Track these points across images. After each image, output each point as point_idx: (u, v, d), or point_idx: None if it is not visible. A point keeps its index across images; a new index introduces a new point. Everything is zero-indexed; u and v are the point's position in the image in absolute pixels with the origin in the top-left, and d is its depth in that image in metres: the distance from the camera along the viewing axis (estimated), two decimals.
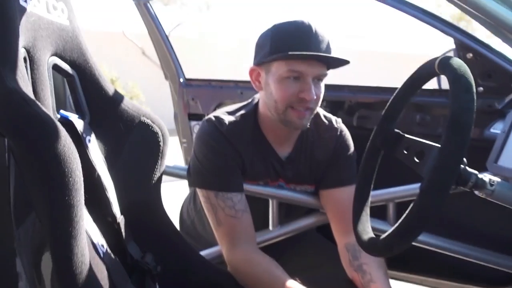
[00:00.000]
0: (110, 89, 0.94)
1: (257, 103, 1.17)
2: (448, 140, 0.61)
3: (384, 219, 1.28)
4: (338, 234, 1.17)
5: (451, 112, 0.62)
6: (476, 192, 0.77)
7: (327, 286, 1.10)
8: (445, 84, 1.76)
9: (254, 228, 1.28)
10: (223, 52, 10.85)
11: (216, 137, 1.10)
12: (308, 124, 1.09)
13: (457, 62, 0.67)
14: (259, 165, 1.16)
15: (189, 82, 1.86)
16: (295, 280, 0.99)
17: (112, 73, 9.25)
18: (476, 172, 0.75)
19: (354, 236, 0.83)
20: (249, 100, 1.21)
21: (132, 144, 0.96)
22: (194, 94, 1.83)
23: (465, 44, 1.28)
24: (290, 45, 0.99)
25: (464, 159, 0.71)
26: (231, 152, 1.11)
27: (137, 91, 9.59)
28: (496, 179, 0.77)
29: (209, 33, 11.64)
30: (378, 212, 1.28)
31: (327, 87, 1.57)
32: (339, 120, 1.23)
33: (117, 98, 0.96)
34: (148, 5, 1.73)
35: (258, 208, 1.29)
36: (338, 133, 1.20)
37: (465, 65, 0.66)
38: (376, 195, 1.24)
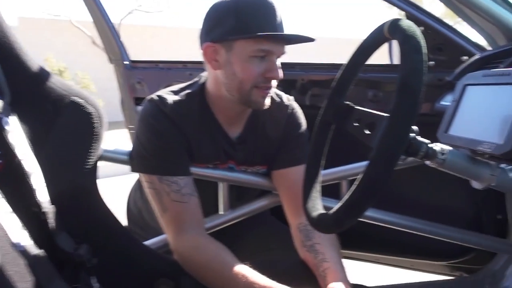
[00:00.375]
0: (35, 67, 0.84)
1: (203, 83, 1.10)
2: (397, 105, 0.57)
3: (337, 198, 1.24)
4: (290, 215, 1.13)
5: (400, 74, 0.57)
6: (427, 162, 0.74)
7: (279, 268, 1.05)
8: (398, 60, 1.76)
9: (205, 213, 1.22)
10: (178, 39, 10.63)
11: (159, 118, 1.02)
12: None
13: (407, 23, 0.63)
14: (207, 147, 1.10)
15: (135, 65, 1.75)
16: (246, 264, 0.94)
17: (60, 63, 8.84)
18: (427, 141, 0.72)
19: (304, 213, 0.79)
20: (195, 79, 1.13)
21: (62, 126, 0.87)
22: (140, 77, 1.73)
23: (416, 17, 1.26)
24: (259, 24, 0.95)
25: (416, 128, 0.68)
26: (176, 134, 1.03)
27: (88, 82, 9.21)
28: (447, 148, 0.74)
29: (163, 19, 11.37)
30: (332, 191, 1.25)
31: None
32: (291, 97, 1.18)
33: (43, 76, 0.87)
34: None
35: (208, 192, 1.23)
36: (289, 110, 1.15)
37: (415, 26, 0.62)
38: (329, 173, 1.21)
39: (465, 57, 1.24)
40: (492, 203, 1.35)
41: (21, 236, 0.66)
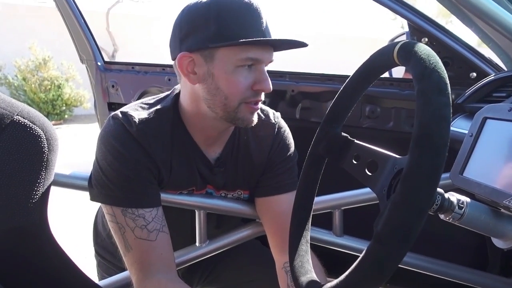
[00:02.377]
0: None
1: (177, 96, 0.95)
2: (415, 164, 0.43)
3: (329, 229, 1.11)
4: (276, 250, 0.99)
5: (419, 120, 0.44)
6: (442, 216, 0.61)
7: None
8: (397, 73, 1.62)
9: (179, 245, 1.07)
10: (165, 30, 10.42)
11: (123, 140, 0.86)
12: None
13: (425, 50, 0.49)
14: (181, 172, 0.95)
15: (109, 66, 1.59)
16: None
17: (45, 52, 8.57)
18: (441, 191, 0.59)
19: (291, 272, 0.65)
20: (167, 93, 0.97)
21: (0, 153, 0.71)
22: (114, 80, 1.57)
23: (421, 27, 1.12)
24: (243, 29, 0.80)
25: None
26: (144, 159, 0.87)
27: (73, 72, 8.96)
28: (466, 199, 0.61)
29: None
30: (323, 220, 1.11)
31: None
32: (278, 114, 1.04)
33: None
34: None
35: (183, 221, 1.08)
36: (276, 130, 1.01)
37: (435, 54, 0.49)
38: (320, 201, 1.07)
39: (474, 74, 1.11)
40: None
41: None
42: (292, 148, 1.03)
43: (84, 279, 0.81)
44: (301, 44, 0.85)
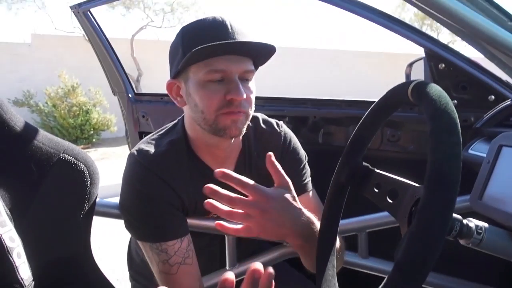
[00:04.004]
0: (18, 124, 0.76)
1: (183, 125, 1.00)
2: (429, 199, 0.47)
3: (354, 251, 1.14)
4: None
5: (431, 160, 0.48)
6: (461, 241, 0.64)
7: None
8: None
9: (213, 267, 1.12)
10: None
11: (143, 177, 0.90)
12: (244, 130, 0.93)
13: (436, 91, 0.53)
14: (203, 198, 1.00)
15: (139, 98, 1.68)
16: None
17: (73, 80, 8.89)
18: (459, 217, 0.62)
19: None
20: (174, 122, 1.03)
21: (48, 188, 0.78)
22: (144, 111, 1.66)
23: (436, 53, 1.16)
24: (202, 43, 0.81)
25: None
26: (165, 193, 0.92)
27: (100, 97, 9.24)
28: (484, 224, 0.64)
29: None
30: (349, 242, 1.14)
31: (288, 101, 1.44)
32: (281, 123, 1.08)
33: (28, 133, 0.79)
34: (89, 14, 1.54)
35: (215, 245, 1.13)
36: (282, 138, 1.05)
37: (446, 95, 0.53)
38: (346, 224, 1.10)
39: (493, 97, 1.14)
40: None
41: None
42: (301, 151, 1.08)
43: None
44: (268, 47, 0.85)
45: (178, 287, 0.90)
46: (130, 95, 1.66)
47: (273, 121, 1.08)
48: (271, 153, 0.80)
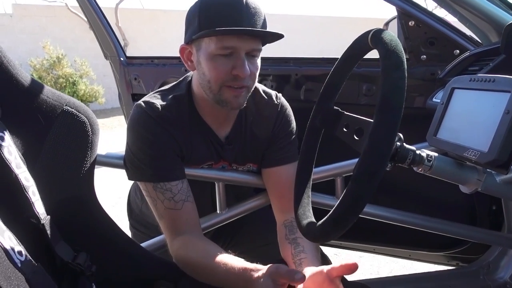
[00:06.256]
0: (25, 79, 0.85)
1: (190, 82, 1.09)
2: (378, 122, 0.57)
3: (332, 194, 1.26)
4: (277, 212, 1.14)
5: (381, 90, 0.58)
6: (415, 168, 0.76)
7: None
8: None
9: (203, 213, 1.23)
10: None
11: (148, 126, 1.01)
12: (245, 102, 1.03)
13: (388, 36, 0.63)
14: (200, 149, 1.10)
15: (131, 61, 1.75)
16: (229, 253, 0.94)
17: (58, 51, 8.78)
18: (413, 148, 0.73)
19: (295, 219, 0.81)
20: (181, 79, 1.12)
21: (55, 137, 0.88)
22: (136, 73, 1.73)
23: (407, 11, 1.25)
24: (220, 20, 0.91)
25: (401, 136, 0.69)
26: (167, 140, 1.03)
27: (87, 69, 9.16)
28: (434, 154, 0.75)
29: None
30: (327, 187, 1.27)
31: (272, 60, 1.53)
32: (280, 95, 1.18)
33: (34, 87, 0.87)
34: None
35: (206, 192, 1.25)
36: (279, 109, 1.15)
37: (396, 39, 0.63)
38: (324, 170, 1.22)
39: (458, 51, 1.24)
40: (487, 194, 1.37)
41: (17, 251, 0.68)
42: (293, 124, 1.17)
43: (127, 239, 0.98)
44: (276, 36, 0.95)
45: (184, 222, 1.02)
46: (122, 59, 1.72)
47: (273, 92, 1.17)
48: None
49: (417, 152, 0.73)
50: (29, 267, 0.69)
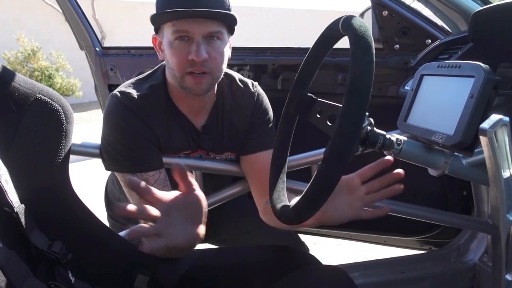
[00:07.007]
0: None
1: (164, 71, 1.09)
2: (347, 104, 0.59)
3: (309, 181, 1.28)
4: (257, 196, 1.16)
5: (350, 75, 0.60)
6: (385, 152, 0.78)
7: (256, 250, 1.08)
8: None
9: None
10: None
11: (124, 116, 1.01)
12: (212, 89, 1.04)
13: (358, 22, 0.65)
14: (177, 138, 1.11)
15: (106, 51, 1.73)
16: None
17: (33, 43, 8.57)
18: (383, 132, 0.75)
19: (270, 204, 0.82)
20: (156, 68, 1.12)
21: (28, 125, 0.87)
22: (112, 64, 1.71)
23: (381, 2, 1.27)
24: (171, 4, 0.91)
25: (372, 120, 0.71)
26: (143, 130, 1.03)
27: (63, 62, 8.96)
28: (403, 138, 0.77)
29: None
30: (305, 176, 1.28)
31: (249, 50, 1.54)
32: (256, 83, 1.19)
33: (5, 75, 0.86)
34: None
35: None
36: (255, 98, 1.16)
37: (366, 25, 0.64)
38: (299, 158, 1.24)
39: (429, 40, 1.27)
40: (458, 180, 1.42)
41: None
42: (270, 112, 1.19)
43: (103, 227, 0.98)
44: (227, 16, 0.94)
45: None
46: (97, 49, 1.71)
47: (249, 81, 1.18)
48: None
49: (387, 136, 0.75)
50: (2, 254, 0.68)
